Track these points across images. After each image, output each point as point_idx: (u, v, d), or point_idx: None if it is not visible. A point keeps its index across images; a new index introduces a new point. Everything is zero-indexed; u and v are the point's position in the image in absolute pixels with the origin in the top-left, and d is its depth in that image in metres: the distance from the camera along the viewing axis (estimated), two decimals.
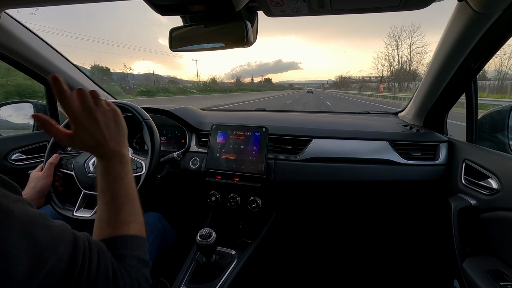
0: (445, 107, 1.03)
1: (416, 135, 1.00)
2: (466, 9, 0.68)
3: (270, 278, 1.26)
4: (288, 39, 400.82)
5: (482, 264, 0.71)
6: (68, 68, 1.16)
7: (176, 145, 1.19)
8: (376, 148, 0.97)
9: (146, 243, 0.48)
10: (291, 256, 1.36)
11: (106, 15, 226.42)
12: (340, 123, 1.14)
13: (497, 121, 0.93)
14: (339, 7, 0.59)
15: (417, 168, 0.94)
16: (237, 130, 1.01)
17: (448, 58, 0.84)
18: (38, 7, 0.75)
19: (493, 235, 0.72)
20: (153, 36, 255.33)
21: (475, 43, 0.75)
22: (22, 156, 1.07)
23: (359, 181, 0.96)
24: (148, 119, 0.85)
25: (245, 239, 1.00)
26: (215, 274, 0.83)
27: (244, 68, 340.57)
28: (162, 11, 0.59)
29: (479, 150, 0.83)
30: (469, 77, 0.88)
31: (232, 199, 0.99)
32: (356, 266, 1.33)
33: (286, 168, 0.99)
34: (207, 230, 0.76)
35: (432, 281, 1.16)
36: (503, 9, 0.64)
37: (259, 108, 1.54)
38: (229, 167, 0.98)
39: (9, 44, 0.92)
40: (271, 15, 0.64)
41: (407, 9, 0.59)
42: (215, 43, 0.68)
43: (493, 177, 0.72)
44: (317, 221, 1.26)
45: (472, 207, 0.76)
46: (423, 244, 1.19)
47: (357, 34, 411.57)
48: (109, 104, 0.48)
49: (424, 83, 1.01)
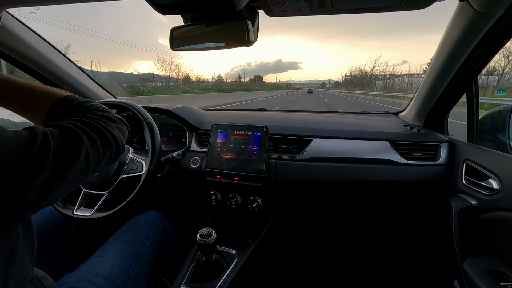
0: (446, 107, 1.02)
1: (417, 135, 1.00)
2: (467, 9, 0.68)
3: (270, 278, 1.26)
4: (288, 38, 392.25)
5: (482, 265, 0.71)
6: (69, 68, 1.16)
7: (176, 144, 1.19)
8: (376, 148, 0.97)
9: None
10: (292, 255, 1.36)
11: (107, 15, 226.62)
12: (341, 123, 1.14)
13: (498, 121, 0.93)
14: (340, 7, 0.59)
15: (418, 168, 0.94)
16: (237, 129, 1.01)
17: (449, 58, 0.83)
18: (39, 6, 0.75)
19: (494, 235, 0.72)
20: (153, 36, 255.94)
21: (476, 43, 0.75)
22: None
23: (360, 181, 0.96)
24: (149, 119, 0.85)
25: (245, 238, 1.00)
26: (215, 274, 0.83)
27: (244, 68, 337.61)
28: (163, 10, 0.59)
29: (480, 150, 0.83)
30: (470, 77, 0.87)
31: (232, 199, 1.00)
32: (357, 266, 1.33)
33: (286, 167, 0.99)
34: (207, 230, 0.77)
35: (433, 281, 1.16)
36: (504, 9, 0.64)
37: (259, 108, 1.54)
38: (229, 166, 0.98)
39: (10, 43, 0.92)
40: (272, 14, 0.64)
41: (408, 9, 0.58)
42: (215, 43, 0.68)
43: (494, 177, 0.72)
44: (317, 221, 1.26)
45: (472, 207, 0.76)
46: (423, 244, 1.19)
47: (357, 34, 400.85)
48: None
49: (425, 83, 1.01)
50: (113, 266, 0.67)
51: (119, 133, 0.49)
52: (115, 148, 0.47)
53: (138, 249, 0.76)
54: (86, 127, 0.42)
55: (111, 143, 0.46)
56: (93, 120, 0.45)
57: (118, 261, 0.69)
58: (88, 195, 0.79)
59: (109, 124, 0.47)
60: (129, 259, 0.71)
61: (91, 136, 0.42)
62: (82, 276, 0.63)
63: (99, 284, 0.62)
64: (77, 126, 0.41)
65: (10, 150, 0.31)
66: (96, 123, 0.45)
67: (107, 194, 0.77)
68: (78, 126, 0.41)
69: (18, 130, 0.35)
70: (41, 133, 0.35)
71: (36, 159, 0.33)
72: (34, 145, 0.34)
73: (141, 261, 0.74)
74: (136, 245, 0.76)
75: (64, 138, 0.38)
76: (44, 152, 0.34)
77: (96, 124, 0.44)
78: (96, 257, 0.69)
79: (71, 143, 0.38)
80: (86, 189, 0.79)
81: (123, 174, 0.79)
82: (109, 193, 0.78)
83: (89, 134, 0.42)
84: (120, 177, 0.78)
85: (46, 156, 0.34)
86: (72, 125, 0.40)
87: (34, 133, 0.35)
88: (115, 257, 0.69)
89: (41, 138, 0.35)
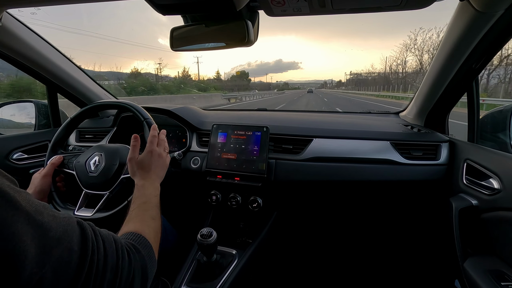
0: (447, 106, 1.02)
1: (417, 135, 1.00)
2: (468, 9, 0.68)
3: (271, 278, 1.26)
4: (288, 38, 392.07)
5: (483, 264, 0.71)
6: (70, 68, 1.16)
7: (177, 144, 1.19)
8: (377, 148, 0.97)
9: (152, 250, 0.49)
10: (292, 255, 1.36)
11: (105, 14, 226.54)
12: (341, 123, 1.14)
13: (499, 121, 0.92)
14: (340, 7, 0.59)
15: (418, 168, 0.94)
16: (238, 129, 1.01)
17: (450, 58, 0.83)
18: (40, 7, 0.75)
19: (494, 235, 0.72)
20: (153, 36, 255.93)
21: (476, 43, 0.75)
22: (23, 156, 1.08)
23: (360, 181, 0.96)
24: (149, 119, 0.85)
25: (246, 238, 1.00)
26: (216, 274, 0.83)
27: (244, 68, 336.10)
28: (164, 10, 0.59)
29: (481, 150, 0.83)
30: (471, 76, 0.87)
31: (233, 199, 1.00)
32: (357, 266, 1.33)
33: (287, 167, 0.98)
34: (208, 230, 0.77)
35: (433, 281, 1.16)
36: (505, 8, 0.64)
37: (260, 108, 1.54)
38: (230, 166, 0.98)
39: (11, 44, 0.92)
40: (272, 14, 0.64)
41: (408, 9, 0.58)
42: (216, 43, 0.68)
43: (495, 177, 0.72)
44: (318, 220, 1.26)
45: (473, 207, 0.76)
46: (424, 244, 1.19)
47: (358, 33, 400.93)
48: (167, 152, 0.76)
49: (425, 83, 1.01)
50: None
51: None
52: None
53: None
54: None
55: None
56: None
57: None
58: (89, 196, 0.79)
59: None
60: None
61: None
62: None
63: None
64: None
65: None
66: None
67: (108, 194, 0.77)
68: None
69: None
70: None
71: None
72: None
73: None
74: None
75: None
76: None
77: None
78: None
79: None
80: (87, 190, 0.79)
81: (123, 174, 0.79)
82: (110, 193, 0.78)
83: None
84: (121, 177, 0.78)
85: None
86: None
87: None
88: None
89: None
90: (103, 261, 0.36)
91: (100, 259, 0.36)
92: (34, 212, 0.30)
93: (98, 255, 0.35)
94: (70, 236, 0.33)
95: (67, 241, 0.32)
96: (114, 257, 0.38)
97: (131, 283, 0.40)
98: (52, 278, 0.30)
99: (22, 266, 0.27)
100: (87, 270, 0.34)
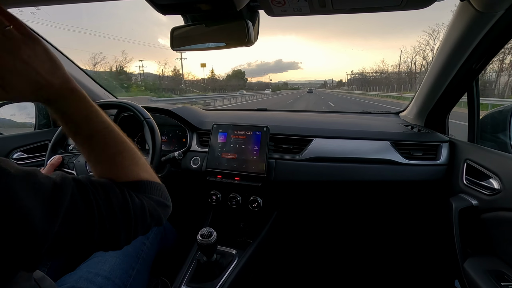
0: (447, 107, 1.02)
1: (418, 135, 1.00)
2: (468, 9, 0.68)
3: (271, 278, 1.26)
4: (289, 38, 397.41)
5: (483, 265, 0.71)
6: (70, 68, 1.16)
7: (177, 144, 1.19)
8: (377, 148, 0.97)
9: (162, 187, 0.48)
10: (292, 255, 1.36)
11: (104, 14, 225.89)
12: (341, 123, 1.14)
13: (499, 121, 0.93)
14: (340, 7, 0.59)
15: (418, 168, 0.94)
16: (238, 129, 1.01)
17: (450, 58, 0.83)
18: (40, 6, 0.75)
19: (494, 235, 0.72)
20: (152, 36, 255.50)
21: (477, 43, 0.75)
22: (23, 155, 1.08)
23: (360, 181, 0.96)
24: (149, 118, 0.85)
25: (245, 238, 1.00)
26: (216, 273, 0.83)
27: (245, 68, 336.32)
28: (164, 10, 0.59)
29: (481, 150, 0.83)
30: (471, 77, 0.87)
31: (233, 199, 1.00)
32: (357, 266, 1.33)
33: (287, 167, 0.99)
34: (208, 230, 0.77)
35: (433, 281, 1.16)
36: (505, 8, 0.64)
37: (260, 108, 1.54)
38: (230, 166, 0.98)
39: None
40: (272, 14, 0.64)
41: (408, 9, 0.58)
42: (216, 43, 0.68)
43: (495, 177, 0.72)
44: (318, 220, 1.26)
45: (473, 207, 0.76)
46: (424, 244, 1.19)
47: (358, 33, 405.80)
48: (24, 32, 0.37)
49: (425, 83, 1.01)
50: (113, 266, 0.67)
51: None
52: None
53: (138, 249, 0.76)
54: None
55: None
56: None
57: (118, 261, 0.69)
58: None
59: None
60: (129, 258, 0.72)
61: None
62: (82, 276, 0.63)
63: (99, 283, 0.62)
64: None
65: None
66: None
67: None
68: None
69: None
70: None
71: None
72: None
73: (141, 261, 0.74)
74: (136, 245, 0.76)
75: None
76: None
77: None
78: (96, 257, 0.69)
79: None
80: None
81: None
82: None
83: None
84: None
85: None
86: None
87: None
88: (115, 257, 0.70)
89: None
90: (108, 203, 0.36)
91: (104, 204, 0.36)
92: (27, 175, 0.30)
93: (100, 201, 0.36)
94: (68, 188, 0.33)
95: (68, 193, 0.33)
96: (120, 198, 0.38)
97: (149, 220, 0.41)
98: (67, 231, 0.32)
99: (34, 226, 0.28)
100: (97, 215, 0.35)
